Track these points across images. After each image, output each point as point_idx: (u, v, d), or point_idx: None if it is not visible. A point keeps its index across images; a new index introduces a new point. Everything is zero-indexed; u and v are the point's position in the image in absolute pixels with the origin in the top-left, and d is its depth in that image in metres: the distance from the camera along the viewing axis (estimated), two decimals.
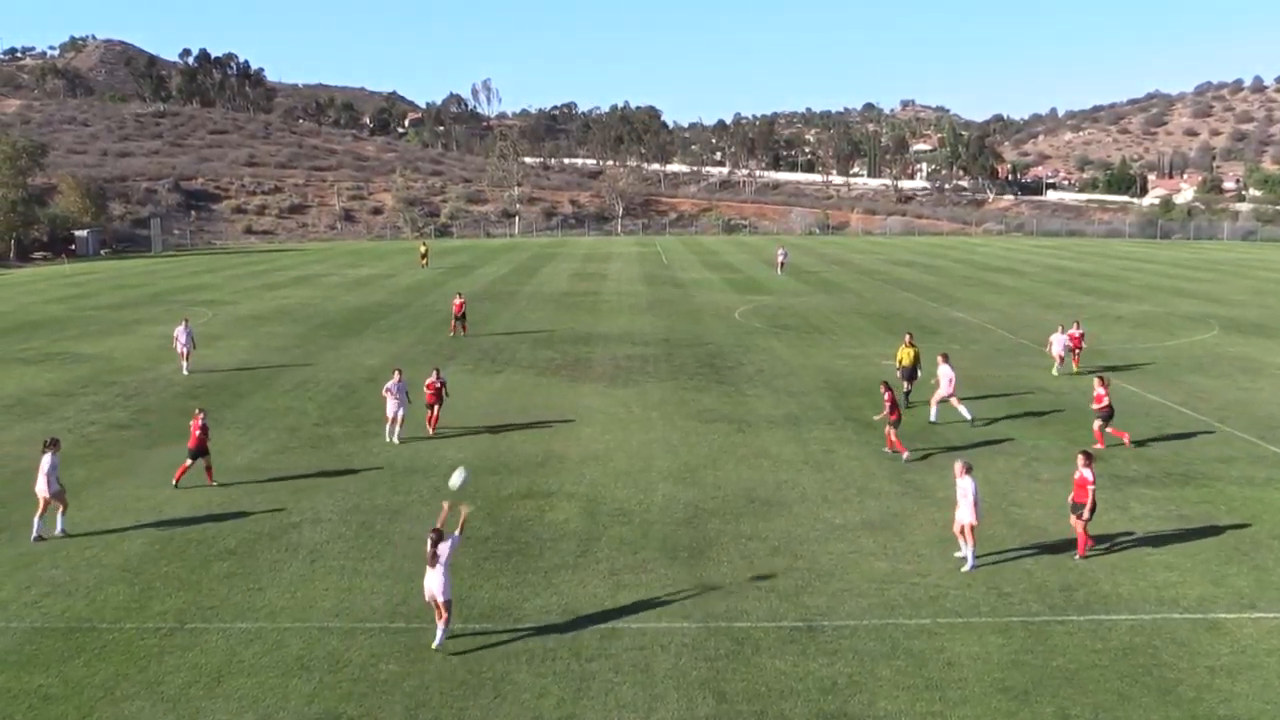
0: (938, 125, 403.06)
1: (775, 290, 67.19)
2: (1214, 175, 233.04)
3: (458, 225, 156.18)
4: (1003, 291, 65.58)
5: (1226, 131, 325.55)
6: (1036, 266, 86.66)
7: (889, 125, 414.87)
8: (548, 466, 25.08)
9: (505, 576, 18.29)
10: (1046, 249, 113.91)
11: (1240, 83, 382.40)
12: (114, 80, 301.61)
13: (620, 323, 51.18)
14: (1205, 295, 63.18)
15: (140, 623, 16.55)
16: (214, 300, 62.04)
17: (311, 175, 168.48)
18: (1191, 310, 55.64)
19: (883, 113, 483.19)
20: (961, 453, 25.46)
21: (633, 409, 31.43)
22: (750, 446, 26.87)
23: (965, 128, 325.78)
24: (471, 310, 54.39)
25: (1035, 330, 47.74)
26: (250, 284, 72.83)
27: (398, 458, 25.86)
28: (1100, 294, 63.89)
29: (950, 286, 69.04)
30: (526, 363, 39.27)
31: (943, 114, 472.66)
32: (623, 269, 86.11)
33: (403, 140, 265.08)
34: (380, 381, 35.71)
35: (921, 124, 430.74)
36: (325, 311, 56.07)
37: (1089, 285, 69.52)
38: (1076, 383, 35.19)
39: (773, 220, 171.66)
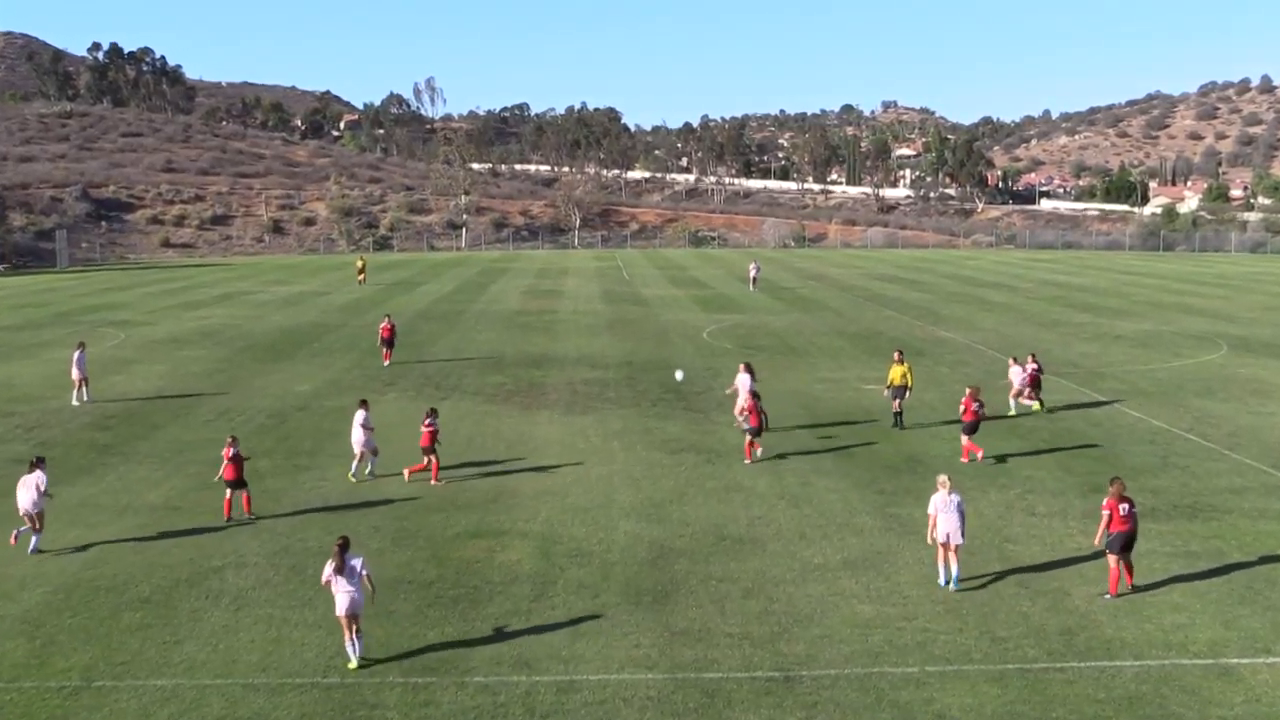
0: (922, 128, 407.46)
1: (747, 308, 67.43)
2: (1220, 182, 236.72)
3: (399, 237, 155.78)
4: (994, 309, 66.19)
5: (1233, 135, 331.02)
6: (1030, 282, 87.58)
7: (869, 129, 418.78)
8: (499, 503, 24.97)
9: (452, 624, 18.15)
10: (1041, 262, 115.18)
11: (1248, 82, 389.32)
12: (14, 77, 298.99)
13: (578, 344, 51.16)
14: (1213, 312, 64.06)
15: (41, 681, 16.27)
16: (127, 321, 61.40)
17: (236, 182, 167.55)
18: (1198, 328, 56.39)
19: (863, 115, 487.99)
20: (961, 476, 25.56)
21: (591, 439, 31.38)
22: (720, 479, 26.88)
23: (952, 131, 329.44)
24: (414, 331, 54.14)
25: (1029, 351, 48.09)
26: (168, 303, 72.18)
27: (332, 494, 25.66)
28: (1099, 311, 64.63)
29: (937, 303, 69.59)
30: (474, 389, 39.15)
31: (927, 116, 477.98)
32: (580, 285, 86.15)
33: (338, 144, 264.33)
34: (310, 410, 35.50)
35: (905, 127, 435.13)
36: (251, 333, 55.65)
37: (1087, 301, 70.31)
38: (1075, 408, 35.51)
39: (744, 232, 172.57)
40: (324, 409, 35.77)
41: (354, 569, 16.81)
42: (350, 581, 16.69)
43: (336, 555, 16.86)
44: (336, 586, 16.77)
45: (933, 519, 19.92)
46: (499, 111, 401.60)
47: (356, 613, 16.69)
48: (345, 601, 16.68)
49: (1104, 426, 32.90)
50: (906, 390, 32.42)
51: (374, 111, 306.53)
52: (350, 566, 16.78)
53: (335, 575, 16.74)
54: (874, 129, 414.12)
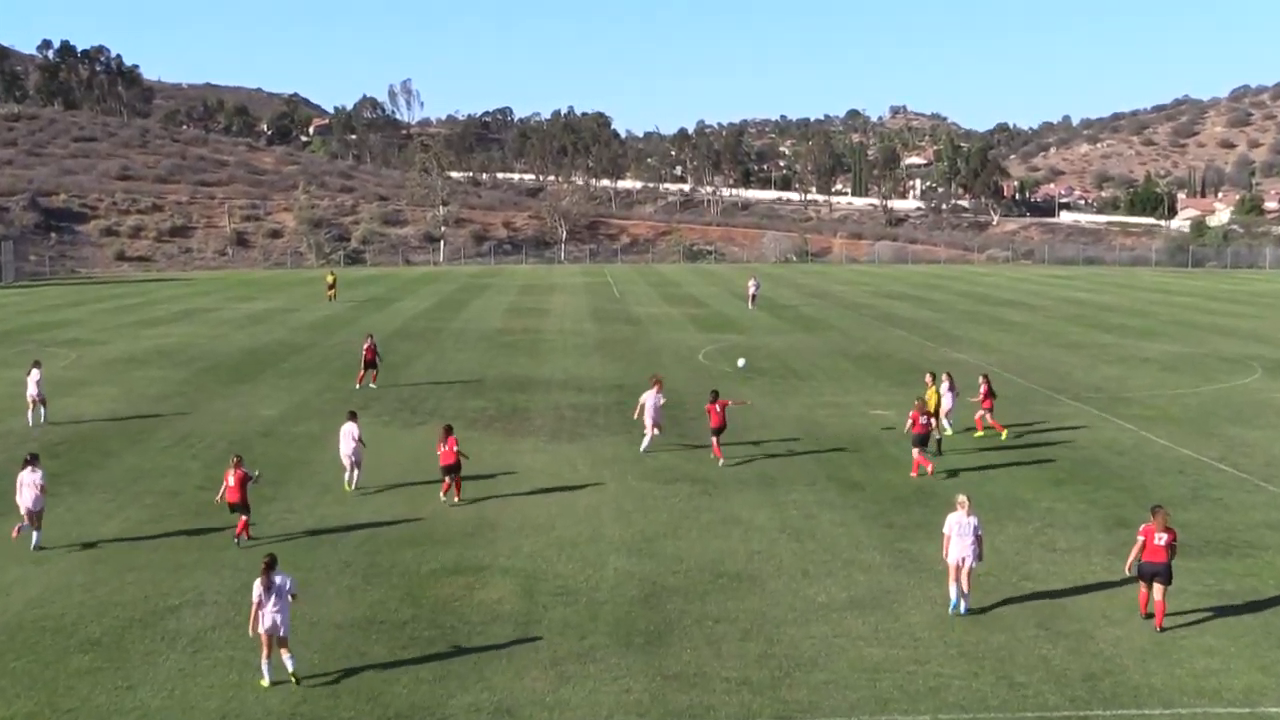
0: (933, 136, 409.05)
1: (746, 328, 67.50)
2: (1253, 193, 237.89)
3: (372, 251, 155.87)
4: (1010, 329, 66.34)
5: (1267, 142, 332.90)
6: (1049, 299, 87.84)
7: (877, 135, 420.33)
8: (478, 537, 24.91)
9: (427, 668, 18.07)
10: (1061, 279, 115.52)
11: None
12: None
13: (564, 366, 51.15)
14: (1246, 333, 64.28)
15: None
16: (78, 340, 61.29)
17: (197, 191, 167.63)
18: (1230, 350, 56.56)
19: (870, 121, 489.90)
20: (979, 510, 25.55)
21: (579, 468, 31.34)
22: (717, 511, 26.85)
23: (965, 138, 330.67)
24: (388, 351, 54.01)
25: (1048, 374, 48.29)
26: (123, 320, 72.07)
27: (298, 527, 25.58)
28: (1124, 331, 64.81)
29: (950, 323, 69.73)
30: (453, 414, 39.09)
31: (939, 123, 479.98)
32: (567, 303, 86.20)
33: (307, 150, 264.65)
34: (275, 436, 35.43)
35: (915, 134, 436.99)
36: (213, 353, 55.56)
37: (1111, 321, 70.51)
38: (1098, 435, 35.58)
39: (742, 246, 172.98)
40: (291, 435, 35.70)
41: (282, 588, 17.51)
42: (278, 601, 17.40)
43: (264, 574, 17.48)
44: (265, 608, 17.40)
45: (947, 539, 20.49)
46: (480, 116, 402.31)
47: (280, 633, 17.39)
48: (268, 621, 17.36)
49: (1129, 455, 32.93)
50: (938, 413, 33.38)
51: (345, 116, 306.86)
52: (278, 585, 17.47)
53: (264, 594, 17.36)
54: (882, 136, 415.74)
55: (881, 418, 38.32)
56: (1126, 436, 35.57)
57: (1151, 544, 19.71)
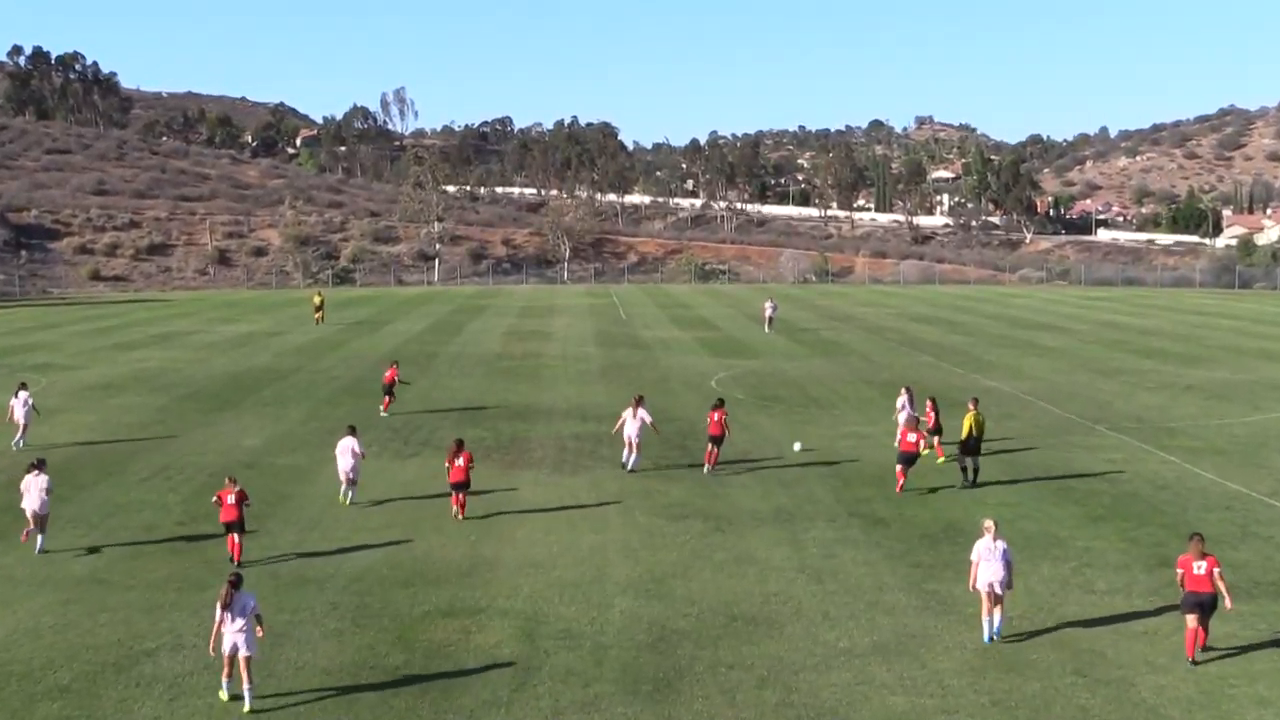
0: (962, 148, 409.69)
1: (762, 352, 67.50)
2: None
3: (362, 270, 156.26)
4: (1045, 354, 66.26)
5: None
6: (1086, 323, 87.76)
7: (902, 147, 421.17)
8: (475, 576, 24.88)
9: (420, 717, 18.03)
10: (1098, 301, 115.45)
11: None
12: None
13: (567, 393, 51.17)
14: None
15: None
16: (50, 364, 61.43)
17: (177, 207, 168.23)
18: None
19: (894, 132, 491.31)
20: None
21: (583, 502, 31.32)
22: (731, 550, 26.81)
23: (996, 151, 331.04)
24: (377, 378, 54.07)
25: (1085, 403, 48.22)
26: (98, 343, 72.23)
27: (282, 566, 25.57)
28: (1166, 357, 64.73)
29: (980, 348, 69.69)
30: (448, 445, 39.02)
31: (968, 134, 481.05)
32: (570, 325, 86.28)
33: (293, 163, 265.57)
34: (259, 468, 35.44)
35: (942, 146, 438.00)
36: (193, 378, 55.65)
37: (1152, 346, 70.42)
38: (1139, 469, 35.49)
39: (758, 265, 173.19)
40: (275, 467, 35.72)
41: (244, 607, 18.31)
42: (239, 620, 18.19)
43: (227, 591, 18.34)
44: (225, 626, 18.27)
45: (974, 565, 21.19)
46: (478, 127, 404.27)
47: (242, 653, 18.17)
48: (230, 641, 18.20)
49: (1172, 490, 32.85)
50: (980, 442, 33.40)
51: (335, 126, 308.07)
52: (240, 605, 18.27)
53: (223, 612, 18.23)
54: (907, 148, 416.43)
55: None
56: (1169, 470, 35.48)
57: (1192, 574, 20.04)
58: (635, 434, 34.81)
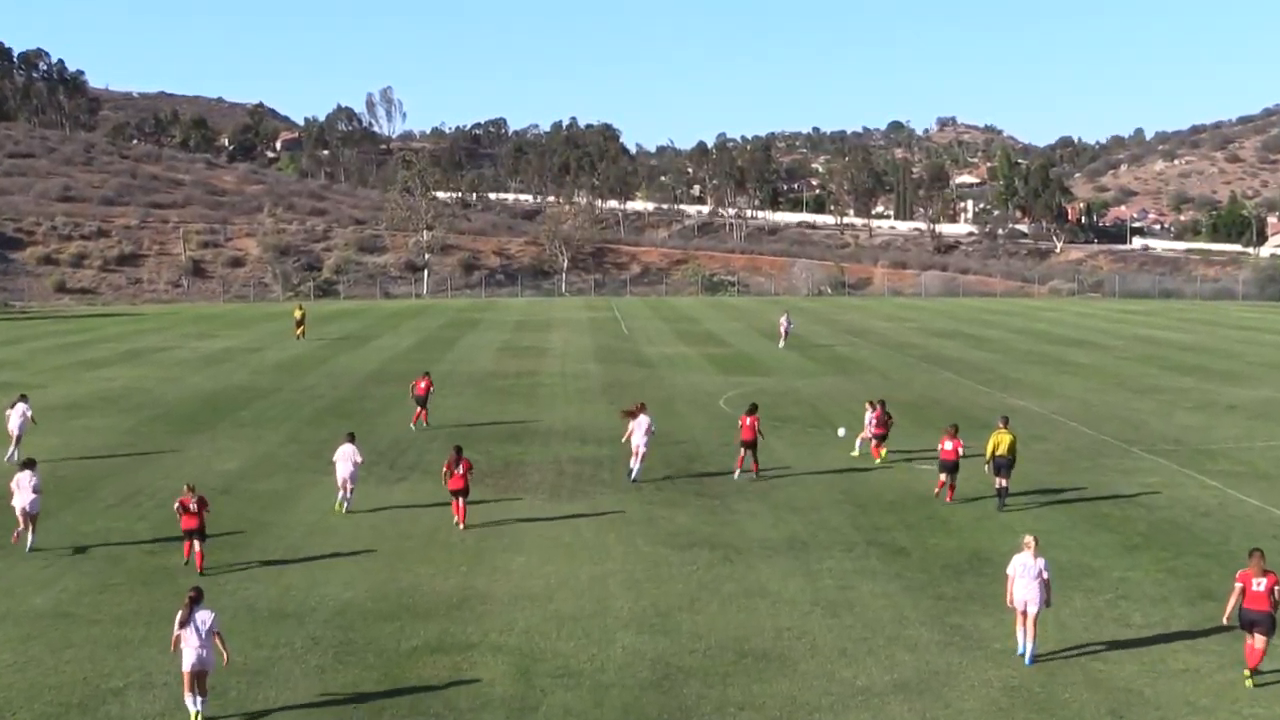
0: (987, 151, 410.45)
1: (773, 369, 67.47)
2: None
3: (346, 282, 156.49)
4: (1076, 371, 66.20)
5: None
6: (1120, 338, 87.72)
7: (923, 151, 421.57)
8: (466, 610, 24.83)
9: None
10: (1133, 315, 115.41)
11: None
12: None
13: (566, 414, 51.15)
14: None
15: None
16: (10, 384, 61.38)
17: (149, 214, 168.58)
18: None
19: (914, 134, 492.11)
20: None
21: (582, 531, 31.27)
22: (741, 581, 26.76)
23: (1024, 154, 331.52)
24: (362, 397, 54.14)
25: (1120, 423, 48.16)
26: (62, 360, 72.23)
27: (260, 598, 25.51)
28: (1206, 374, 64.67)
29: (1006, 365, 69.64)
30: (437, 468, 38.92)
31: (993, 136, 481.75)
32: (569, 341, 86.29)
33: (273, 168, 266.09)
34: (235, 493, 35.40)
35: (966, 149, 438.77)
36: (165, 398, 55.64)
37: (1190, 363, 70.36)
38: (1178, 494, 35.42)
39: (769, 276, 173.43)
40: (253, 492, 35.66)
41: (202, 624, 19.11)
42: (198, 636, 18.99)
43: (186, 608, 19.24)
44: (184, 642, 19.04)
45: (1010, 580, 22.07)
46: (470, 129, 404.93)
47: (205, 669, 19.08)
48: (192, 657, 18.95)
49: (1214, 517, 32.79)
50: (1014, 460, 33.67)
51: (317, 128, 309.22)
52: (198, 621, 19.11)
53: (184, 630, 19.06)
54: (928, 151, 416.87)
55: (929, 473, 38.20)
56: (1210, 495, 35.42)
57: (1251, 590, 20.56)
58: (643, 442, 36.96)
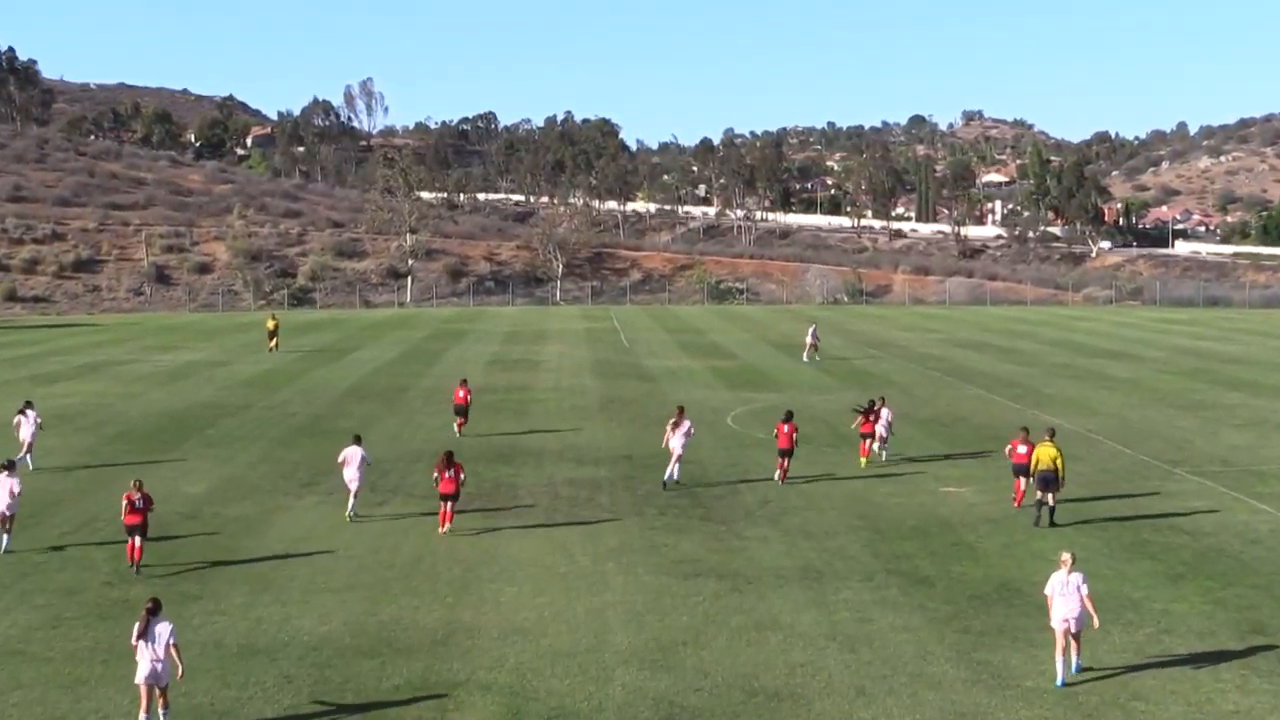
0: (1017, 147, 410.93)
1: (786, 385, 67.43)
2: None
3: (323, 290, 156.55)
4: (1115, 386, 66.15)
5: None
6: (1162, 349, 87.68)
7: (947, 147, 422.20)
8: (452, 645, 24.80)
9: None
10: (1176, 324, 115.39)
11: None
12: None
13: (560, 432, 51.12)
14: None
15: None
16: None
17: (108, 216, 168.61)
18: None
19: (937, 130, 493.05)
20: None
21: (577, 559, 31.23)
22: (750, 614, 26.71)
23: (1056, 150, 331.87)
24: (340, 415, 54.12)
25: (1162, 442, 48.12)
26: (14, 375, 72.22)
27: (228, 633, 25.45)
28: (1256, 389, 64.64)
29: (1038, 379, 69.60)
30: (422, 491, 39.03)
31: (1023, 131, 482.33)
32: (564, 353, 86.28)
33: (243, 166, 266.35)
34: (201, 518, 35.36)
35: (994, 146, 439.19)
36: (126, 416, 55.61)
37: (1239, 376, 70.31)
38: (1226, 519, 35.36)
39: (781, 283, 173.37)
40: (221, 518, 35.61)
41: (159, 635, 19.99)
42: (155, 648, 19.90)
43: (143, 619, 20.10)
44: (140, 653, 19.95)
45: (1049, 599, 22.89)
46: (457, 124, 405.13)
47: (159, 684, 19.94)
48: (146, 669, 19.89)
49: (1266, 544, 32.73)
50: (1059, 479, 34.29)
51: (292, 123, 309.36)
52: (155, 632, 19.99)
53: (140, 641, 19.99)
54: (953, 148, 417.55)
55: (955, 496, 38.16)
56: (1262, 520, 35.36)
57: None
58: (680, 446, 39.46)
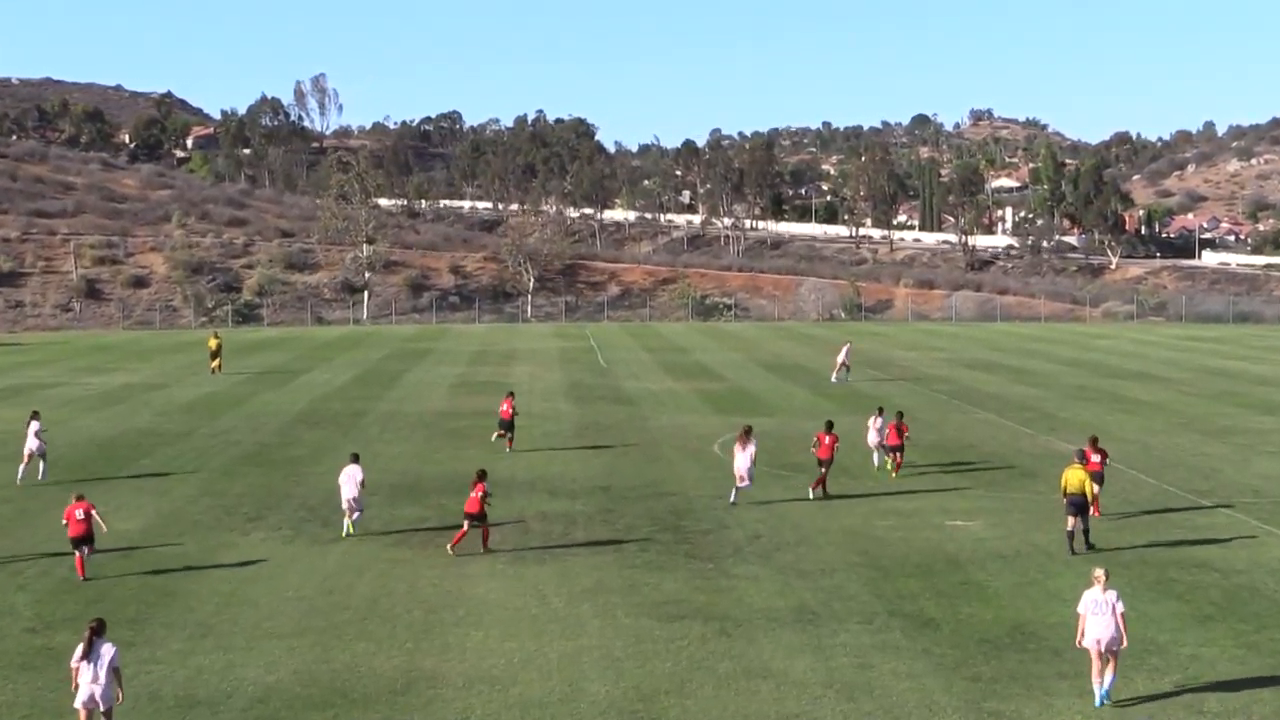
0: (1029, 150, 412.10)
1: (778, 409, 67.44)
2: None
3: (271, 305, 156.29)
4: (1136, 410, 66.29)
5: None
6: (1188, 370, 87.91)
7: (954, 149, 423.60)
8: (412, 695, 24.75)
9: None
10: (1203, 342, 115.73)
11: None
12: None
13: (531, 461, 51.04)
14: None
15: None
16: None
17: (32, 224, 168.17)
18: None
19: (942, 130, 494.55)
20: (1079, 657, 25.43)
21: (550, 600, 31.17)
22: (739, 659, 26.68)
23: (1072, 153, 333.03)
24: (290, 443, 54.04)
25: (1188, 471, 48.22)
26: None
27: (166, 683, 25.33)
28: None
29: (1053, 402, 69.73)
30: (380, 525, 38.94)
31: (1036, 132, 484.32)
32: (536, 375, 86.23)
33: (183, 170, 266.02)
34: (136, 557, 35.21)
35: (1004, 148, 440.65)
36: (51, 445, 55.25)
37: (1272, 399, 70.51)
38: (1259, 555, 35.41)
39: (772, 298, 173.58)
40: (158, 556, 35.43)
41: (102, 657, 20.68)
42: (97, 670, 20.60)
43: (87, 640, 20.76)
44: (82, 674, 20.60)
45: (1082, 619, 23.84)
46: (418, 124, 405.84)
47: (98, 707, 20.60)
48: (87, 694, 20.52)
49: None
50: (1091, 504, 35.48)
51: (236, 123, 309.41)
52: (99, 653, 20.68)
53: (82, 662, 20.64)
54: (959, 150, 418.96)
55: (963, 530, 38.18)
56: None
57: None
58: (746, 469, 41.37)
